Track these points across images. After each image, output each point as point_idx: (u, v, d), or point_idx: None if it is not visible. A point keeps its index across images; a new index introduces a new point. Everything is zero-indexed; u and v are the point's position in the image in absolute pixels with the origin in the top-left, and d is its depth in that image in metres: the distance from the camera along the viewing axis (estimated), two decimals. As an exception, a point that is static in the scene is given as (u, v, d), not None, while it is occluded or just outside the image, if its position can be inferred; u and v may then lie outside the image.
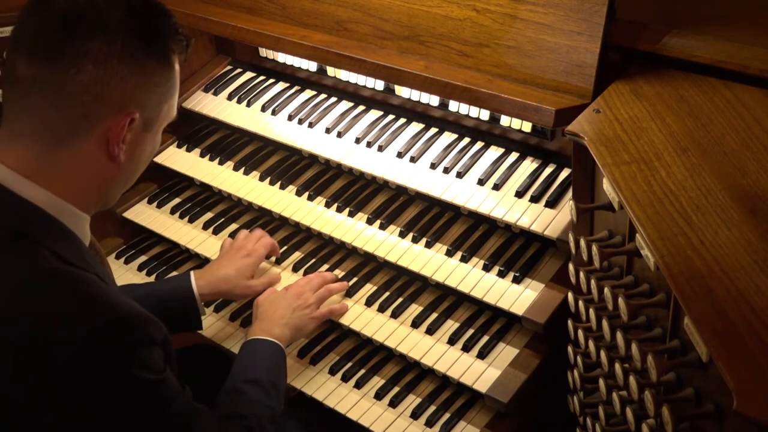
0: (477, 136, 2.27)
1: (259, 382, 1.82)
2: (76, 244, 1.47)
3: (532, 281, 2.02)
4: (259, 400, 1.78)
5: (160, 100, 1.51)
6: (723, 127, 1.60)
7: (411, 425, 1.99)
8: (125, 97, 1.43)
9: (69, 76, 1.38)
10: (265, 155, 2.57)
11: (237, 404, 1.76)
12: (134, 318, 1.40)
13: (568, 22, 1.85)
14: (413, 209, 2.28)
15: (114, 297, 1.41)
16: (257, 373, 1.85)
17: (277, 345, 1.96)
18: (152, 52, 1.46)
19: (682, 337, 1.34)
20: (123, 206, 2.63)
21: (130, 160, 1.51)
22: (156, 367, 1.43)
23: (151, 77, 1.47)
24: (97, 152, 1.45)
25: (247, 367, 1.89)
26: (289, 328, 2.02)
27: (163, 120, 1.55)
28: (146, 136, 1.52)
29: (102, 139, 1.44)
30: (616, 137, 1.62)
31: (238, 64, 2.79)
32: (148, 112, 1.49)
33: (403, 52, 2.12)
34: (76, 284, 1.39)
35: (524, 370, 1.94)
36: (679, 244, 1.35)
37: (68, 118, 1.41)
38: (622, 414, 1.52)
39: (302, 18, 2.30)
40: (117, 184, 1.55)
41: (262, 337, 1.97)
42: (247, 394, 1.78)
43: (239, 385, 1.81)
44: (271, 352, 1.94)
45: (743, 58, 1.69)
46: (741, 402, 1.09)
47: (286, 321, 2.03)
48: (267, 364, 1.91)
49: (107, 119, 1.43)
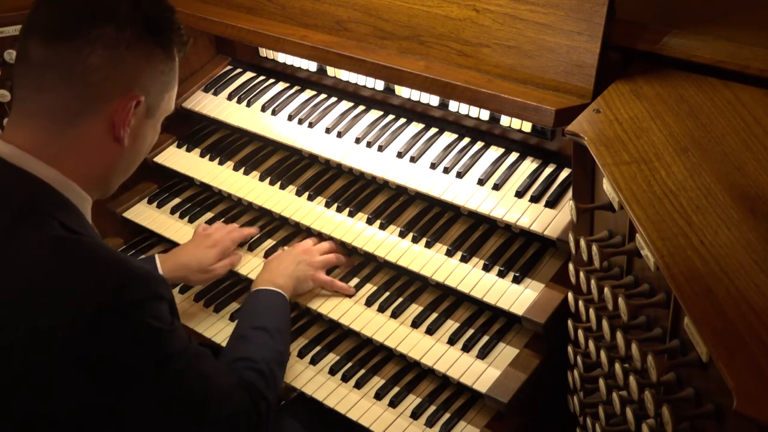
0: (477, 136, 2.27)
1: (265, 328, 1.93)
2: (82, 218, 1.55)
3: (532, 281, 2.02)
4: (265, 344, 1.89)
5: (163, 89, 1.61)
6: (723, 127, 1.60)
7: (411, 425, 1.99)
8: (131, 80, 1.53)
9: (81, 57, 1.48)
10: (265, 155, 2.57)
11: (245, 349, 1.86)
12: (145, 276, 1.48)
13: (568, 22, 1.85)
14: (413, 209, 2.28)
15: (124, 258, 1.51)
16: (262, 320, 1.96)
17: (280, 293, 2.07)
18: (158, 42, 1.56)
19: (682, 337, 1.34)
20: (123, 206, 2.63)
21: (133, 145, 1.60)
22: (165, 319, 1.50)
23: (156, 65, 1.57)
24: (103, 134, 1.54)
25: (252, 315, 2.00)
26: (292, 279, 2.13)
27: (163, 109, 1.65)
28: (148, 122, 1.62)
29: (108, 122, 1.53)
30: (616, 137, 1.61)
31: (238, 64, 2.79)
32: (152, 98, 1.58)
33: (403, 52, 2.12)
34: (88, 249, 1.47)
35: (524, 370, 1.94)
36: (679, 244, 1.35)
37: (78, 98, 1.50)
38: (622, 414, 1.52)
39: (302, 18, 2.30)
40: (119, 168, 1.63)
41: (266, 287, 2.08)
42: (254, 339, 1.89)
43: (245, 332, 1.92)
44: (275, 300, 2.05)
45: (743, 58, 1.69)
46: (741, 402, 1.09)
47: (290, 272, 2.14)
48: (271, 311, 2.02)
49: (114, 101, 1.52)
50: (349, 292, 2.20)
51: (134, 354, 1.46)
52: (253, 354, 1.83)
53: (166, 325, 1.49)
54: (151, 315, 1.46)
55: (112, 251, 1.52)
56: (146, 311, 1.46)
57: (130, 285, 1.44)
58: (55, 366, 1.41)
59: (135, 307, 1.44)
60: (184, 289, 2.42)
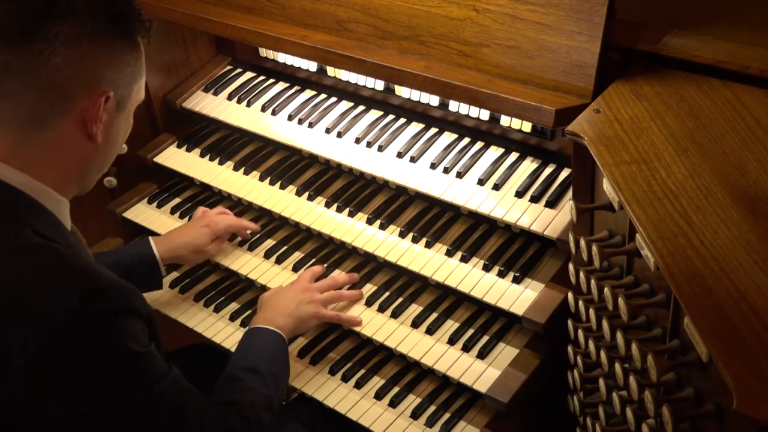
0: (477, 136, 2.27)
1: (257, 370, 1.84)
2: (57, 224, 1.51)
3: (532, 281, 2.02)
4: (255, 388, 1.79)
5: (131, 81, 1.55)
6: (723, 127, 1.60)
7: (411, 425, 1.99)
8: (98, 76, 1.47)
9: (42, 59, 1.42)
10: (265, 155, 2.57)
11: (233, 391, 1.78)
12: (118, 288, 1.43)
13: (568, 22, 1.85)
14: (413, 209, 2.28)
15: (97, 268, 1.45)
16: (256, 361, 1.88)
17: (278, 334, 1.98)
18: (120, 33, 1.50)
19: (682, 337, 1.34)
20: (123, 206, 2.63)
21: (106, 140, 1.54)
22: (140, 339, 1.44)
23: (121, 57, 1.51)
24: (75, 133, 1.49)
25: (246, 355, 1.91)
26: (293, 319, 2.04)
27: (134, 100, 1.59)
28: (120, 116, 1.56)
29: (78, 120, 1.48)
30: (616, 137, 1.61)
31: (238, 64, 2.79)
32: (121, 91, 1.52)
33: (403, 52, 2.12)
34: (59, 257, 1.43)
35: (524, 370, 1.94)
36: (679, 244, 1.35)
37: (44, 100, 1.45)
38: (622, 414, 1.52)
39: (302, 18, 2.30)
40: (94, 166, 1.58)
41: (263, 326, 1.99)
42: (244, 381, 1.80)
43: (237, 373, 1.83)
44: (272, 341, 1.96)
45: (743, 58, 1.69)
46: (741, 402, 1.09)
47: (290, 312, 2.05)
48: (267, 353, 1.93)
49: (82, 99, 1.47)
50: (356, 322, 2.12)
51: (99, 372, 1.40)
52: (240, 397, 1.75)
53: (140, 346, 1.43)
54: (123, 331, 1.40)
55: (86, 260, 1.47)
56: (119, 325, 1.40)
57: (100, 293, 1.39)
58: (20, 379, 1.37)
59: (105, 317, 1.39)
60: (184, 289, 2.42)
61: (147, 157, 2.66)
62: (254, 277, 2.31)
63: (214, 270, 2.48)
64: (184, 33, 2.71)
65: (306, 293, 2.11)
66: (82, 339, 1.38)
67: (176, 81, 2.75)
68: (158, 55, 2.67)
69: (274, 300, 2.09)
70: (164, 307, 2.38)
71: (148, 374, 1.46)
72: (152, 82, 2.66)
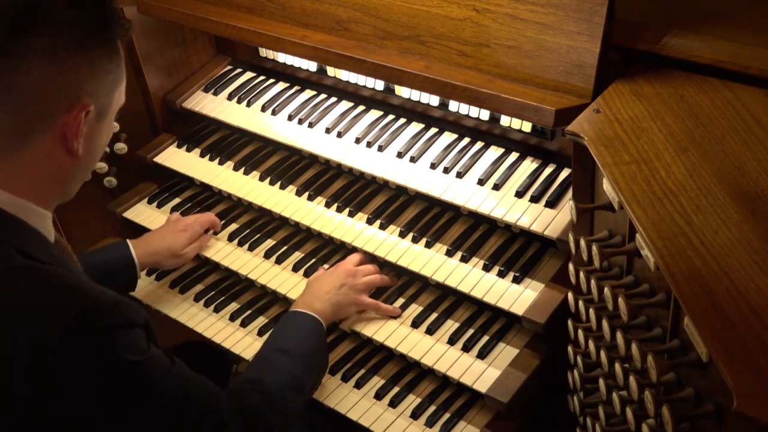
0: (477, 136, 2.27)
1: (288, 351, 1.86)
2: (41, 241, 1.47)
3: (532, 281, 2.02)
4: (283, 367, 1.81)
5: (112, 88, 1.50)
6: (723, 127, 1.60)
7: (411, 425, 1.99)
8: (78, 90, 1.43)
9: (20, 76, 1.37)
10: (265, 155, 2.57)
11: (260, 370, 1.81)
12: (110, 303, 1.41)
13: (568, 22, 1.85)
14: (413, 209, 2.28)
15: (86, 285, 1.42)
16: (288, 342, 1.90)
17: (315, 318, 1.99)
18: (100, 42, 1.45)
19: (682, 337, 1.34)
20: (123, 206, 2.63)
21: (87, 151, 1.50)
22: (139, 347, 1.43)
23: (101, 66, 1.46)
24: (56, 148, 1.45)
25: (279, 336, 1.94)
26: (331, 304, 2.05)
27: (115, 106, 1.54)
28: (101, 125, 1.51)
29: (59, 135, 1.44)
30: (616, 137, 1.61)
31: (238, 64, 2.79)
32: (101, 101, 1.48)
33: (403, 52, 2.12)
34: (47, 278, 1.40)
35: (524, 370, 1.94)
36: (679, 244, 1.35)
37: (23, 117, 1.41)
38: (622, 414, 1.52)
39: (302, 18, 2.30)
40: (76, 177, 1.54)
41: (300, 310, 2.01)
42: (272, 361, 1.83)
43: (267, 353, 1.87)
44: (307, 325, 1.98)
45: (743, 58, 1.69)
46: (741, 402, 1.09)
47: (330, 296, 2.06)
48: (300, 335, 1.94)
49: (63, 115, 1.42)
50: (395, 314, 2.13)
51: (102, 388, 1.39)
52: (266, 376, 1.77)
53: (141, 354, 1.42)
54: (121, 345, 1.39)
55: (74, 279, 1.43)
56: (115, 341, 1.38)
57: (93, 313, 1.37)
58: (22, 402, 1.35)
59: (101, 336, 1.37)
60: (184, 289, 2.42)
61: (147, 157, 2.66)
62: (254, 277, 2.31)
63: (214, 270, 2.48)
64: (184, 33, 2.71)
65: (348, 278, 2.12)
66: (80, 360, 1.35)
67: (176, 81, 2.75)
68: (158, 55, 2.67)
69: (316, 284, 2.11)
70: (164, 306, 2.39)
71: (150, 379, 1.44)
72: (152, 82, 2.67)
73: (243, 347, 2.21)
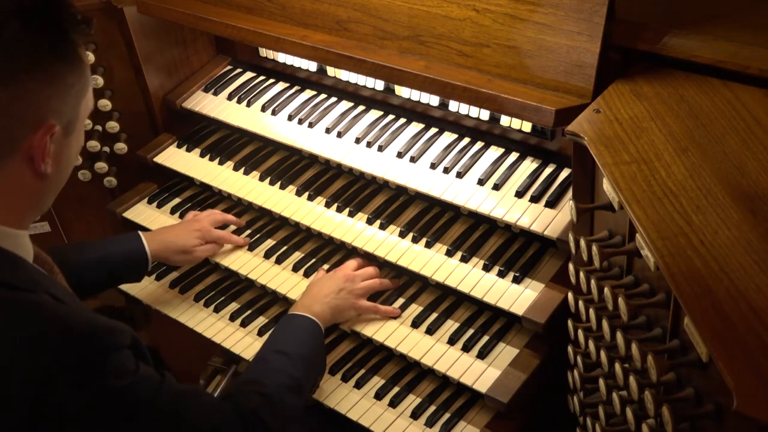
0: (477, 136, 2.27)
1: (286, 353, 1.87)
2: (19, 265, 1.44)
3: (532, 281, 2.02)
4: (282, 369, 1.82)
5: (77, 101, 1.45)
6: (723, 127, 1.60)
7: (411, 425, 1.99)
8: (41, 110, 1.38)
9: None
10: (265, 155, 2.57)
11: (258, 371, 1.82)
12: (95, 331, 1.38)
13: (568, 22, 1.85)
14: (413, 209, 2.28)
15: (71, 314, 1.40)
16: (286, 344, 1.91)
17: (313, 321, 2.00)
18: (59, 56, 1.39)
19: (682, 337, 1.34)
20: (123, 206, 2.63)
21: (57, 169, 1.46)
22: (127, 370, 1.41)
23: (63, 81, 1.41)
24: (23, 171, 1.41)
25: (277, 338, 1.95)
26: (330, 308, 2.06)
27: (83, 117, 1.49)
28: (69, 140, 1.47)
29: (26, 158, 1.40)
30: (616, 137, 1.61)
31: (238, 64, 2.79)
32: (67, 117, 1.43)
33: (403, 52, 2.12)
34: (31, 310, 1.37)
35: (524, 370, 1.94)
36: (679, 244, 1.35)
37: None
38: (622, 414, 1.52)
39: (302, 18, 2.30)
40: (49, 194, 1.51)
41: (299, 312, 2.02)
42: (271, 362, 1.84)
43: (265, 354, 1.88)
44: (306, 327, 1.99)
45: (743, 58, 1.69)
46: (741, 402, 1.09)
47: (329, 300, 2.07)
48: (298, 337, 1.95)
49: (27, 138, 1.38)
50: (395, 314, 2.13)
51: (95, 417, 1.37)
52: (264, 377, 1.78)
53: (128, 378, 1.40)
54: (108, 372, 1.37)
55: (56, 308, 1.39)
56: (102, 368, 1.36)
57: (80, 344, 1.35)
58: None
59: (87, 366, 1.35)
60: (184, 290, 2.42)
61: (147, 157, 2.66)
62: (254, 277, 2.31)
63: (214, 270, 2.48)
64: (184, 33, 2.71)
65: (347, 282, 2.12)
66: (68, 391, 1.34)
67: (176, 81, 2.75)
68: (158, 55, 2.66)
69: (315, 287, 2.11)
70: (164, 307, 2.38)
71: (141, 399, 1.43)
72: (152, 82, 2.66)
73: (243, 347, 2.21)
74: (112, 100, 2.63)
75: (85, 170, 2.72)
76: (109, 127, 2.66)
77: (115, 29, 2.54)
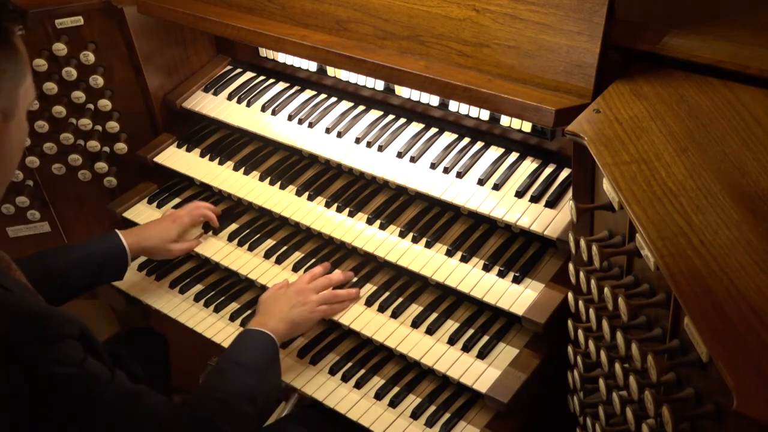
0: (477, 136, 2.27)
1: (242, 363, 1.87)
2: None
3: (532, 281, 2.02)
4: (238, 378, 1.82)
5: (14, 86, 1.42)
6: (723, 127, 1.60)
7: (411, 425, 1.99)
8: None
9: None
10: (265, 155, 2.57)
11: (216, 380, 1.82)
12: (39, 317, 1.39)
13: (568, 22, 1.85)
14: (413, 209, 2.28)
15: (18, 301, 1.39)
16: (242, 356, 1.91)
17: (268, 335, 1.99)
18: None
19: (682, 337, 1.34)
20: (123, 206, 2.63)
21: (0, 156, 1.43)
22: (72, 360, 1.41)
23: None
24: None
25: (233, 351, 1.95)
26: (285, 323, 2.05)
27: (22, 105, 1.46)
28: (10, 126, 1.43)
29: None
30: (616, 137, 1.61)
31: (238, 64, 2.79)
32: (3, 103, 1.40)
33: (403, 52, 2.12)
34: None
35: (524, 370, 1.94)
36: (679, 244, 1.35)
37: None
38: (622, 414, 1.52)
39: (302, 18, 2.30)
40: None
41: (254, 328, 2.02)
42: (227, 372, 1.84)
43: (222, 365, 1.88)
44: (260, 340, 1.98)
45: (743, 58, 1.69)
46: (741, 402, 1.09)
47: (283, 316, 2.06)
48: (254, 350, 1.95)
49: None
50: (353, 296, 2.16)
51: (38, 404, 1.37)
52: (221, 385, 1.78)
53: (73, 366, 1.39)
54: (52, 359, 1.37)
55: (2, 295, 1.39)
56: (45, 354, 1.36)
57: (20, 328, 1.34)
58: None
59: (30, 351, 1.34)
60: (183, 290, 2.42)
61: (147, 157, 2.66)
62: (254, 277, 2.31)
63: (214, 270, 2.48)
64: (184, 33, 2.71)
65: (300, 296, 2.11)
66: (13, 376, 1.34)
67: (176, 81, 2.75)
68: (158, 55, 2.66)
69: (269, 304, 2.11)
70: (164, 306, 2.38)
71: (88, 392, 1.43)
72: (152, 82, 2.66)
73: (243, 347, 2.21)
74: (112, 100, 2.63)
75: (85, 170, 2.72)
76: (109, 127, 2.66)
77: (115, 29, 2.54)
